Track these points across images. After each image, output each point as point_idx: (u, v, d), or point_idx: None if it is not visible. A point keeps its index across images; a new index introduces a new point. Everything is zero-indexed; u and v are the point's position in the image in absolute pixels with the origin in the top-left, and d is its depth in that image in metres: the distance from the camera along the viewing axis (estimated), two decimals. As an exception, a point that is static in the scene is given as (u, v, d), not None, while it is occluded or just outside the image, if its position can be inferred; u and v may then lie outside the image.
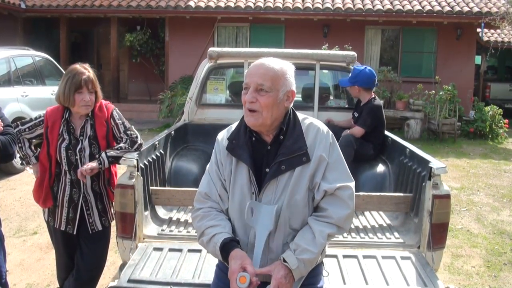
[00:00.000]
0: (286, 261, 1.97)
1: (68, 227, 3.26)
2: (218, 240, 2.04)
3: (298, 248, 2.00)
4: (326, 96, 5.89)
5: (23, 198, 6.57)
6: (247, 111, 2.07)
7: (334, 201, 2.06)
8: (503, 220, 6.28)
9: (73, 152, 3.17)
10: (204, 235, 2.12)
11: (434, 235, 3.09)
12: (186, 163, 4.58)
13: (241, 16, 13.99)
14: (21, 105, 8.12)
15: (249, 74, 2.08)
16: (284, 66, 2.10)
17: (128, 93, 16.86)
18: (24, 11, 14.34)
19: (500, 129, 12.92)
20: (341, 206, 2.05)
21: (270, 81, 2.03)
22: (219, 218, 2.13)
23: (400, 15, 13.53)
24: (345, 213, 2.05)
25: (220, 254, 2.04)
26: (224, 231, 2.07)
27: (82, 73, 3.16)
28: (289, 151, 2.05)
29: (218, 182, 2.18)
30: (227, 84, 5.79)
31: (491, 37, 17.84)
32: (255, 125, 2.07)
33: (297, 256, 1.98)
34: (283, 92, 2.06)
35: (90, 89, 3.18)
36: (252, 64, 2.12)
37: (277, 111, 2.06)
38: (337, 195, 2.05)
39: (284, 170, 2.04)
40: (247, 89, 2.07)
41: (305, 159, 2.04)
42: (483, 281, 4.47)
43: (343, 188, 2.06)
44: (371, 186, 4.25)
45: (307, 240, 2.01)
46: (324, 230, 2.02)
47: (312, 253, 1.99)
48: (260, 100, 2.02)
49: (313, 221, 2.05)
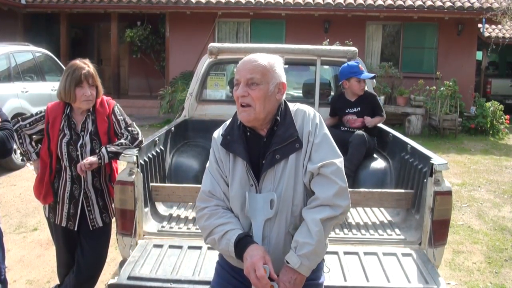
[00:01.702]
0: (288, 262, 1.96)
1: (69, 223, 3.25)
2: (231, 236, 2.02)
3: (297, 244, 1.98)
4: (327, 92, 5.87)
5: (24, 194, 6.56)
6: (239, 107, 2.08)
7: (320, 181, 2.03)
8: (504, 216, 6.27)
9: (74, 147, 3.16)
10: (214, 234, 2.08)
11: (435, 231, 3.08)
12: (186, 159, 4.56)
13: (242, 11, 13.95)
14: (21, 101, 8.11)
15: (238, 70, 2.10)
16: (271, 59, 2.12)
17: (129, 88, 16.85)
18: (24, 7, 14.32)
19: (501, 125, 12.90)
20: (327, 184, 2.01)
21: (260, 74, 2.05)
22: (228, 216, 2.11)
23: (401, 10, 13.49)
24: (332, 190, 1.99)
25: (234, 250, 2.01)
26: (237, 228, 2.06)
27: (82, 68, 3.15)
28: (281, 140, 2.05)
29: (221, 180, 2.16)
30: (228, 80, 5.76)
31: (492, 32, 17.80)
32: (248, 120, 2.07)
33: (297, 253, 1.96)
34: (273, 85, 2.08)
35: (90, 83, 3.17)
36: (240, 61, 2.14)
37: (269, 104, 2.07)
38: (322, 174, 2.02)
39: (279, 159, 2.04)
40: (238, 85, 2.09)
41: (297, 146, 2.05)
42: (484, 277, 4.47)
43: (326, 165, 2.02)
44: (372, 182, 4.23)
45: (303, 234, 1.98)
46: (315, 217, 1.97)
47: (310, 245, 1.95)
48: (251, 94, 2.04)
49: (304, 211, 2.03)
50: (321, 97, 5.22)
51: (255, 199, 2.07)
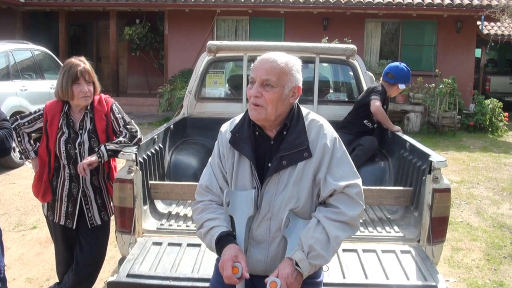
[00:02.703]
0: (298, 266, 1.95)
1: (68, 221, 3.25)
2: (215, 233, 2.04)
3: (312, 251, 1.96)
4: (326, 90, 5.86)
5: (23, 193, 6.56)
6: (251, 105, 2.05)
7: (345, 199, 2.03)
8: (503, 213, 6.28)
9: (72, 146, 3.16)
10: (202, 227, 2.12)
11: (434, 229, 3.09)
12: (185, 157, 4.56)
13: (241, 9, 13.93)
14: (20, 99, 8.11)
15: (255, 69, 2.06)
16: (290, 61, 2.08)
17: (128, 86, 16.83)
18: (23, 5, 14.29)
19: (500, 122, 12.91)
20: (353, 204, 2.03)
21: (276, 76, 2.01)
22: (219, 212, 2.13)
23: (400, 8, 13.49)
24: (358, 211, 2.04)
25: (215, 247, 2.05)
26: (223, 225, 2.07)
27: (77, 65, 3.15)
28: (290, 146, 2.03)
29: (220, 175, 2.17)
30: (227, 78, 5.76)
31: (491, 30, 17.78)
32: (258, 119, 2.06)
33: (310, 260, 1.96)
34: (288, 88, 2.05)
35: (87, 79, 3.17)
36: (258, 58, 2.10)
37: (281, 107, 2.05)
38: (347, 193, 2.03)
39: (285, 165, 2.03)
40: (252, 84, 2.05)
41: (306, 155, 2.02)
42: (483, 274, 4.48)
43: (352, 186, 2.04)
44: (371, 179, 4.24)
45: (322, 244, 1.97)
46: (339, 236, 1.99)
47: (325, 260, 1.98)
48: (265, 96, 2.01)
49: (326, 222, 2.00)
50: (320, 94, 5.22)
51: (235, 197, 2.08)
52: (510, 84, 17.32)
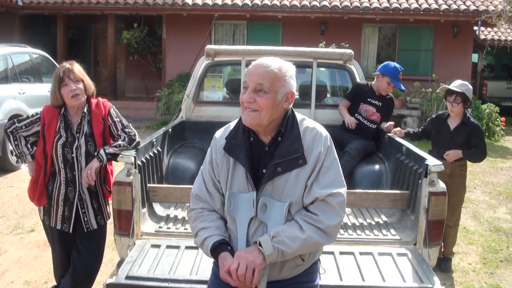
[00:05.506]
0: (261, 245, 1.95)
1: (64, 225, 3.26)
2: (208, 243, 2.06)
3: (277, 236, 1.96)
4: (323, 94, 5.89)
5: (20, 196, 6.56)
6: (244, 110, 2.05)
7: (325, 208, 2.01)
8: (500, 217, 6.31)
9: (69, 149, 3.17)
10: (197, 236, 2.14)
11: (431, 231, 3.11)
12: (183, 161, 4.58)
13: (239, 13, 13.96)
14: (18, 103, 8.10)
15: (249, 74, 2.05)
16: (284, 67, 2.06)
17: (125, 90, 16.81)
18: (22, 8, 14.29)
19: (497, 127, 12.91)
20: (332, 213, 2.01)
21: (269, 82, 2.00)
22: (211, 219, 2.14)
23: (397, 13, 13.53)
24: (335, 221, 2.02)
25: (212, 257, 2.09)
26: (215, 234, 2.07)
27: (61, 67, 3.19)
28: (285, 153, 2.03)
29: (210, 182, 2.18)
30: (225, 82, 5.78)
31: (488, 35, 17.88)
32: (251, 124, 2.05)
33: (273, 243, 1.95)
34: (282, 94, 2.03)
35: (72, 78, 3.15)
36: (252, 63, 2.09)
37: (275, 112, 2.04)
38: (328, 202, 2.01)
39: (280, 172, 2.03)
40: (246, 89, 2.05)
41: (301, 162, 2.02)
42: (479, 277, 4.50)
43: (335, 195, 2.02)
44: (368, 183, 4.27)
45: (290, 234, 1.96)
46: (313, 238, 1.98)
47: (289, 247, 1.95)
48: (258, 101, 2.00)
49: (303, 223, 2.00)
50: (317, 99, 5.24)
51: (237, 199, 2.08)
52: (507, 89, 17.36)
